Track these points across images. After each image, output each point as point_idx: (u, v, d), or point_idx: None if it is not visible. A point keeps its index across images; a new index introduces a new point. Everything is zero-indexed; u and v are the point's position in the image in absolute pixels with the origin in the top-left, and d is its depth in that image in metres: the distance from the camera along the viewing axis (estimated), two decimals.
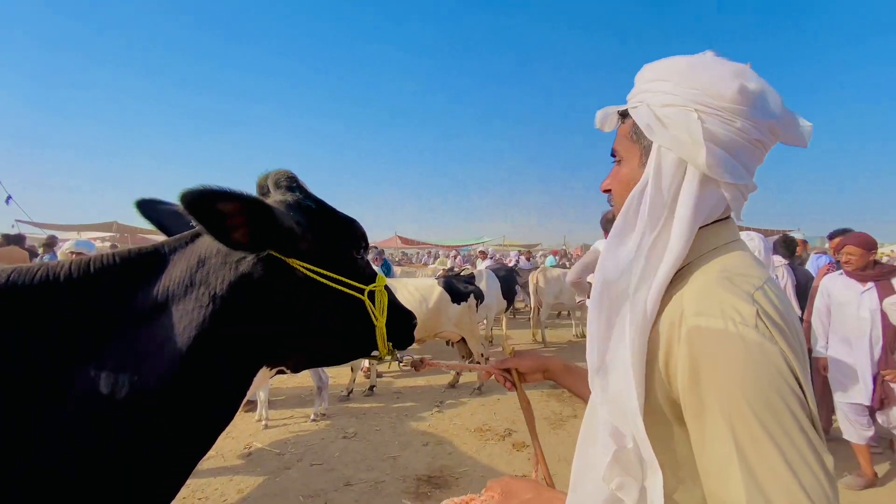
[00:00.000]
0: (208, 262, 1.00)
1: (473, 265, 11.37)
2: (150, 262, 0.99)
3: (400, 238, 24.71)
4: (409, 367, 1.26)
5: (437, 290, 5.31)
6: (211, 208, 0.88)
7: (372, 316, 1.16)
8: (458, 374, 5.91)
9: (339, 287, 1.09)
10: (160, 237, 1.20)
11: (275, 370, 1.14)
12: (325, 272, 1.07)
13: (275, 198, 1.11)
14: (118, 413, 0.87)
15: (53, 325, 0.88)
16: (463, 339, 5.70)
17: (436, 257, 17.16)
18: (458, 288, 5.44)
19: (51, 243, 7.86)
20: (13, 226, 11.25)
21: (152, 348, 0.92)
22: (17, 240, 7.22)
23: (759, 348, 0.54)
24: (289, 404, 5.15)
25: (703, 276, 0.65)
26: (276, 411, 4.90)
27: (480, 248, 12.99)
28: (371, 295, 1.17)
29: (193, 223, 0.89)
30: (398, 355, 1.24)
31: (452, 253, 17.90)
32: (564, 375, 1.15)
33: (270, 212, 0.95)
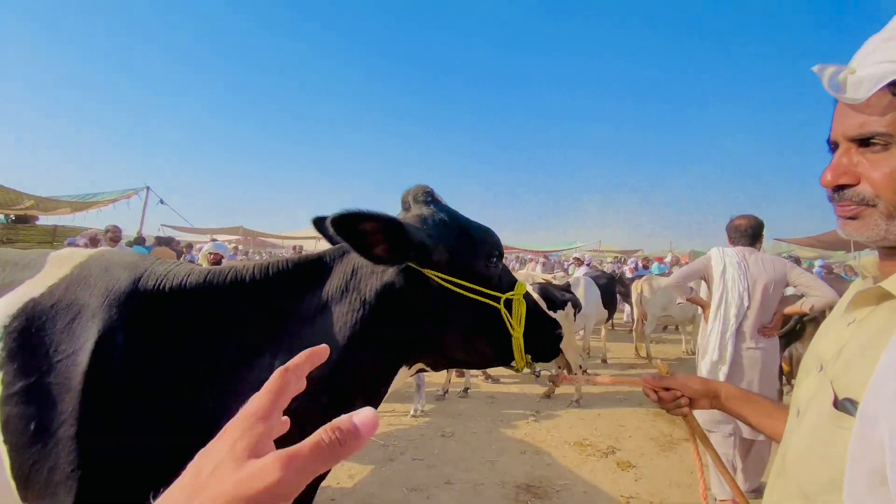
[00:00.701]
0: (359, 271, 1.12)
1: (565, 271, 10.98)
2: (316, 269, 1.14)
3: None
4: (546, 381, 1.28)
5: (534, 295, 5.23)
6: (354, 228, 1.00)
7: (508, 325, 1.17)
8: (556, 384, 5.74)
9: (474, 296, 1.13)
10: (278, 241, 1.38)
11: (415, 368, 1.22)
12: (458, 281, 1.12)
13: (413, 212, 1.21)
14: None
15: (241, 320, 1.05)
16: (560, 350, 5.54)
17: (523, 263, 16.89)
18: (555, 296, 5.30)
19: (190, 245, 9.51)
20: (159, 229, 13.44)
21: (315, 344, 1.06)
22: (168, 241, 8.76)
23: None
24: (390, 398, 5.43)
25: None
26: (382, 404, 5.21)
27: (575, 254, 12.48)
28: (508, 304, 1.18)
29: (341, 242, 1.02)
30: (536, 369, 1.24)
31: (541, 258, 17.49)
32: (741, 404, 1.00)
33: (402, 228, 1.03)
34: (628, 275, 10.25)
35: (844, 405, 0.61)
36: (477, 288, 1.14)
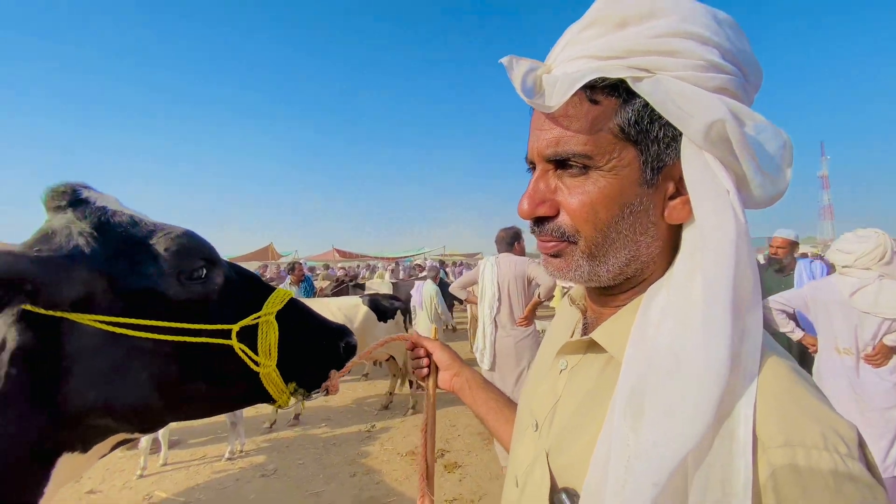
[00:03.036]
0: None
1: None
2: None
3: (338, 251, 23.95)
4: (324, 395, 1.02)
5: (363, 308, 5.09)
6: None
7: (249, 362, 0.90)
8: (391, 395, 5.68)
9: (173, 337, 0.82)
10: None
11: (109, 445, 0.88)
12: (126, 320, 0.79)
13: (42, 227, 0.85)
14: None
15: None
16: (392, 357, 5.51)
17: (374, 270, 16.76)
18: (384, 305, 5.26)
19: None
20: None
21: None
22: None
23: (872, 495, 0.38)
24: (200, 441, 4.64)
25: (771, 372, 0.46)
26: (185, 451, 4.39)
27: (417, 261, 12.82)
28: (249, 331, 0.91)
29: None
30: (308, 395, 0.99)
31: (391, 266, 17.60)
32: (476, 393, 0.95)
33: None
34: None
35: (562, 500, 0.52)
36: (177, 326, 0.83)
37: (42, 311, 0.75)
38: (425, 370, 0.99)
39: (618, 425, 0.47)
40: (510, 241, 3.68)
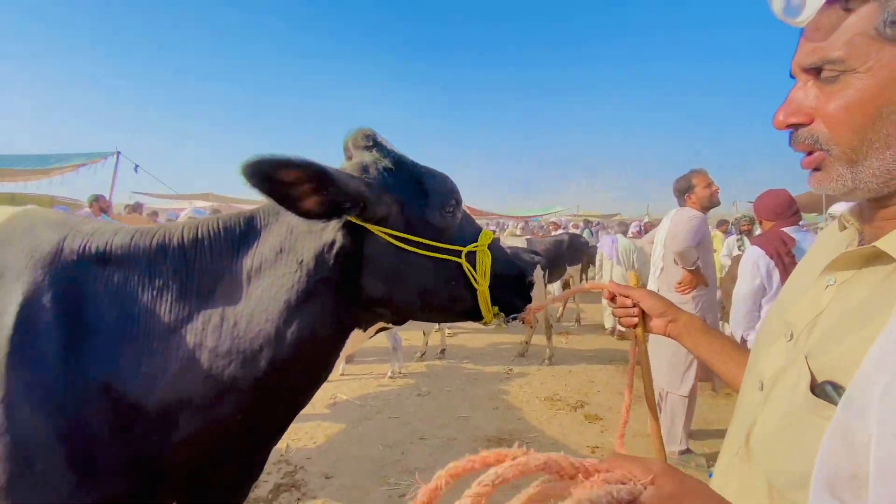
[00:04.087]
0: (295, 230, 1.03)
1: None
2: (248, 228, 1.06)
3: (466, 208, 24.61)
4: (520, 324, 1.18)
5: None
6: (271, 178, 0.86)
7: (471, 279, 1.08)
8: (527, 343, 5.91)
9: (429, 252, 1.04)
10: (251, 206, 1.26)
11: (373, 329, 1.15)
12: (409, 237, 1.02)
13: (354, 160, 1.09)
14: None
15: (169, 282, 0.99)
16: None
17: (503, 227, 16.96)
18: (524, 259, 5.35)
19: (156, 213, 9.87)
20: (130, 196, 12.94)
21: (249, 310, 0.99)
22: (136, 208, 8.65)
23: None
24: (368, 360, 5.52)
25: None
26: (357, 366, 5.29)
27: (552, 219, 12.54)
28: (471, 256, 1.09)
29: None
30: (506, 319, 1.15)
31: (521, 224, 17.57)
32: (698, 336, 0.93)
33: (329, 177, 0.90)
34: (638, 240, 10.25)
35: (826, 391, 0.51)
36: (432, 243, 1.05)
37: (359, 221, 1.00)
38: (635, 319, 1.01)
39: None
40: (681, 192, 3.26)
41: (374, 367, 5.27)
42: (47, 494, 0.87)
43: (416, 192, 1.08)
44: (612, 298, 1.06)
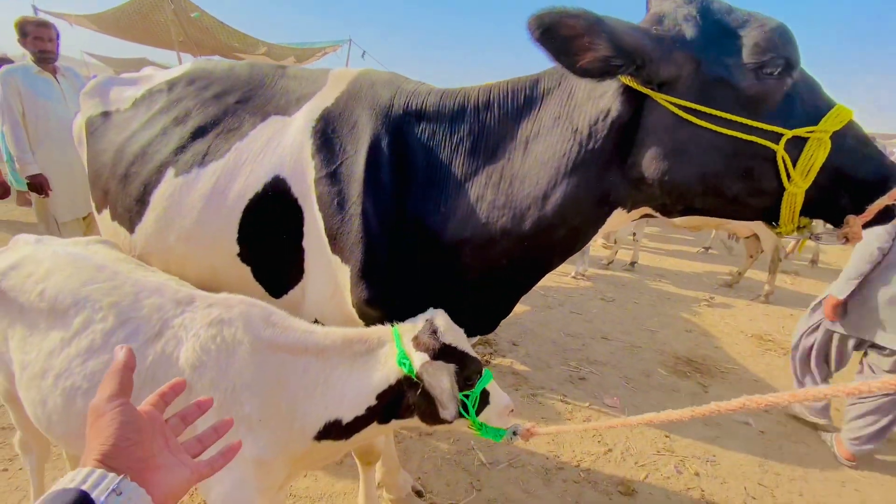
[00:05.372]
0: (575, 96, 1.01)
1: None
2: (533, 92, 1.10)
3: None
4: (842, 243, 0.91)
5: None
6: (552, 30, 0.82)
7: (784, 176, 0.87)
8: (741, 275, 5.14)
9: (729, 131, 0.87)
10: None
11: (638, 213, 1.12)
12: (697, 107, 0.87)
13: (653, 9, 0.95)
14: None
15: (464, 139, 1.15)
16: (755, 236, 4.78)
17: None
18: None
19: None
20: None
21: (523, 172, 1.07)
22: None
23: None
24: None
25: None
26: None
27: None
28: (796, 144, 0.86)
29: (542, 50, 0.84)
30: (815, 235, 0.93)
31: None
32: None
33: (600, 27, 0.81)
34: None
35: None
36: (735, 119, 0.86)
37: (638, 86, 0.90)
38: None
39: None
40: None
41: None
42: (381, 270, 1.20)
43: (724, 48, 0.88)
44: None
